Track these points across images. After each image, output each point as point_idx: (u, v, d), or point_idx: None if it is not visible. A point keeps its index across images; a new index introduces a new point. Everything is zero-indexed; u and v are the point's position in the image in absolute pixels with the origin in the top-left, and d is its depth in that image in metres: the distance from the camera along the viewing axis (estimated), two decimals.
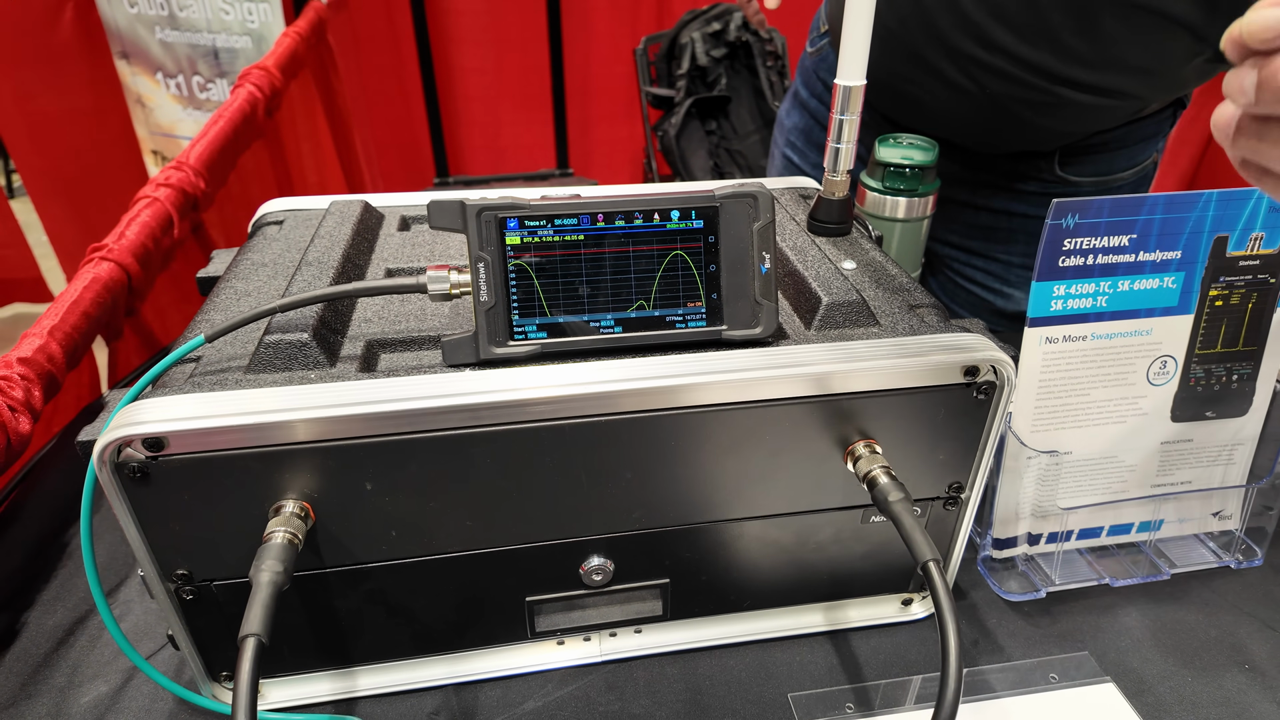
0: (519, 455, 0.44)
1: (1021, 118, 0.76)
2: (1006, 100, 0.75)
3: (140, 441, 0.40)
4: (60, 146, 2.07)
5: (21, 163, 2.11)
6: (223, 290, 0.53)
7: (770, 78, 2.25)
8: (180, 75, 2.08)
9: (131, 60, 2.08)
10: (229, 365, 0.45)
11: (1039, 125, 0.78)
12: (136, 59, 2.08)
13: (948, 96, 0.77)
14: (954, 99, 0.77)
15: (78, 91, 2.07)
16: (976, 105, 0.76)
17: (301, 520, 0.42)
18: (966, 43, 0.72)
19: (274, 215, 0.63)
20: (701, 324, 0.46)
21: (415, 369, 0.45)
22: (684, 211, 0.45)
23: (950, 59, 0.74)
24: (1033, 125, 0.78)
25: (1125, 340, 0.58)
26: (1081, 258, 0.55)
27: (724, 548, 0.51)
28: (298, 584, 0.46)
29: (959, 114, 0.79)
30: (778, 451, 0.47)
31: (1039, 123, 0.77)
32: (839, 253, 0.58)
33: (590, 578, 0.49)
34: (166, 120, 2.15)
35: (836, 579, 0.55)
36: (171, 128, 2.16)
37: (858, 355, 0.45)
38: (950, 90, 0.76)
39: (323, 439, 0.41)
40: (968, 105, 0.77)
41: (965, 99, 0.76)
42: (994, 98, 0.75)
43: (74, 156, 2.10)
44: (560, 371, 0.44)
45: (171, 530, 0.43)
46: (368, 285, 0.45)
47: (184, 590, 0.45)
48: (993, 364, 0.46)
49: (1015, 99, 0.74)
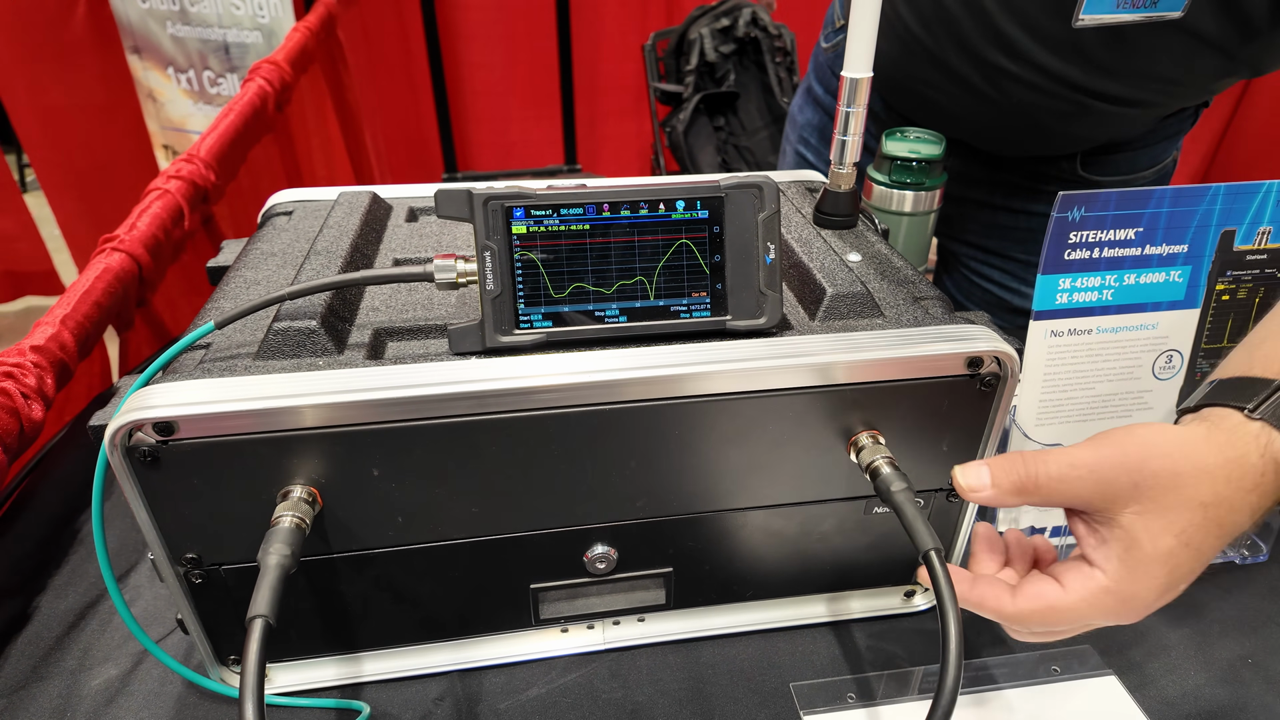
0: (524, 443, 0.44)
1: (1045, 125, 0.76)
2: (1031, 109, 0.74)
3: (151, 426, 0.40)
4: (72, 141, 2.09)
5: (34, 156, 2.13)
6: (232, 279, 0.53)
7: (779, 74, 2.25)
8: (191, 70, 2.09)
9: (143, 55, 2.10)
10: (238, 352, 0.45)
11: (1063, 132, 0.77)
12: (148, 54, 2.09)
13: (971, 103, 0.76)
14: (977, 105, 0.76)
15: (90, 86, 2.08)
16: (1000, 112, 0.76)
17: (309, 505, 0.43)
18: (993, 53, 0.70)
19: (283, 206, 0.64)
20: (706, 314, 0.47)
21: (422, 357, 0.45)
22: (689, 202, 0.45)
23: (975, 67, 0.73)
24: (1056, 132, 0.77)
25: (1131, 334, 0.58)
26: (1088, 251, 0.55)
27: (727, 537, 0.51)
28: (305, 569, 0.47)
29: (982, 120, 0.78)
30: (781, 441, 0.47)
31: (1063, 130, 0.76)
32: (844, 245, 0.58)
33: (594, 566, 0.50)
34: (178, 115, 2.17)
35: (840, 570, 0.55)
36: (182, 122, 2.17)
37: (861, 346, 0.46)
38: (973, 97, 0.75)
39: (330, 425, 0.42)
40: (991, 112, 0.76)
41: (989, 106, 0.75)
42: (1018, 106, 0.74)
43: (86, 151, 2.11)
44: (565, 360, 0.44)
45: (181, 514, 0.43)
46: (375, 274, 0.45)
47: (193, 574, 0.46)
48: (997, 355, 0.46)
49: (1040, 108, 0.73)
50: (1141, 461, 0.39)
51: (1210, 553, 0.39)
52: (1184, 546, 0.38)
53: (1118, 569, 0.39)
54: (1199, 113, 0.84)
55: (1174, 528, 0.38)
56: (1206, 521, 0.38)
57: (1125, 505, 0.39)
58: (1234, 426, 0.40)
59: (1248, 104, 2.23)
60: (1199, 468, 0.39)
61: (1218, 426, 0.40)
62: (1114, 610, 0.40)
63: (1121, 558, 0.39)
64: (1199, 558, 0.39)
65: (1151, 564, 0.39)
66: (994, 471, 0.41)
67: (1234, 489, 0.39)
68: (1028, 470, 0.41)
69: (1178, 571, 0.39)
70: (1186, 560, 0.39)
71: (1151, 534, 0.38)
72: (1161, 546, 0.38)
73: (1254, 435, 0.39)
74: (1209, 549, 0.39)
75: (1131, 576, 0.39)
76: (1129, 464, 0.39)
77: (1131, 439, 0.40)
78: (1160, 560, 0.39)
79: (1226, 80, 0.72)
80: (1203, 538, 0.39)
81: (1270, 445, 0.39)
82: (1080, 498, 0.40)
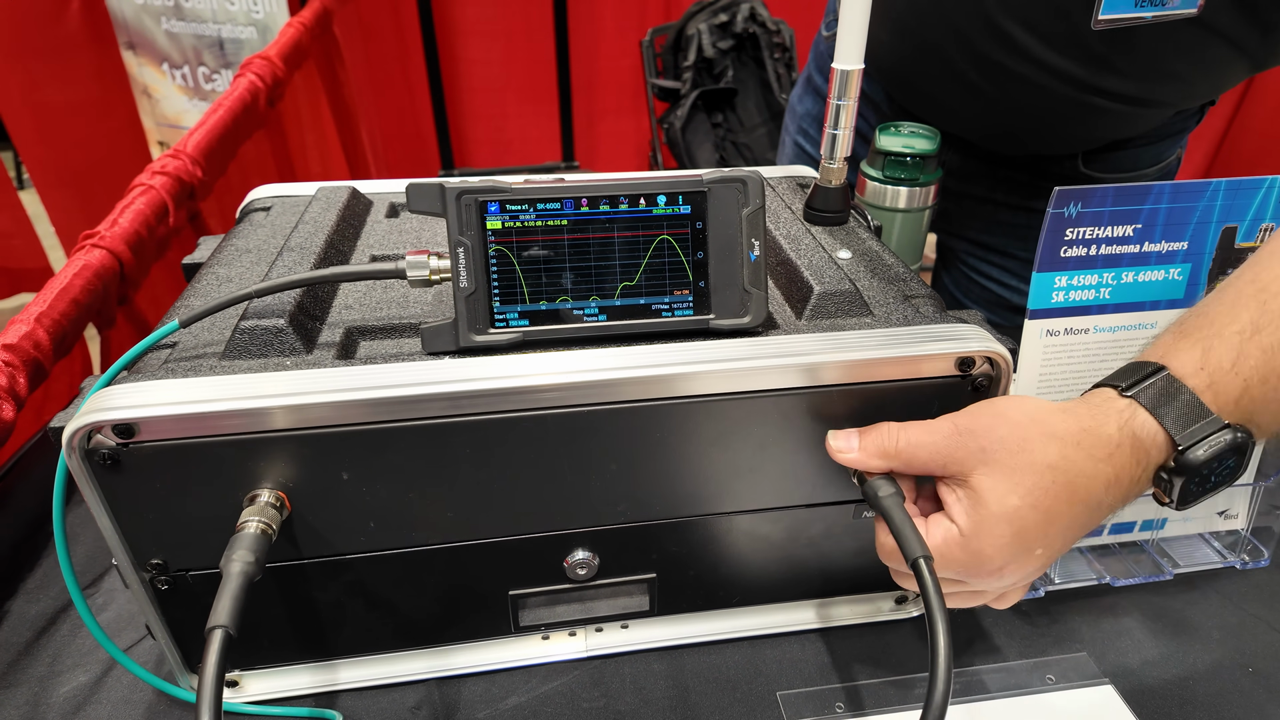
0: (500, 446, 0.43)
1: (1048, 124, 0.74)
2: (1032, 107, 0.72)
3: (110, 428, 0.39)
4: (66, 138, 2.07)
5: (27, 154, 2.12)
6: (204, 276, 0.52)
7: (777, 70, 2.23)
8: (186, 66, 2.07)
9: (138, 51, 2.08)
10: (204, 351, 0.44)
11: (1066, 131, 0.75)
12: (142, 50, 2.08)
13: (970, 100, 0.74)
14: (976, 103, 0.74)
15: (84, 83, 2.06)
16: (1001, 110, 0.73)
17: (276, 510, 0.41)
18: (993, 48, 0.68)
19: (262, 201, 0.63)
20: (688, 313, 0.45)
21: (394, 356, 0.44)
22: (671, 196, 0.44)
23: (974, 63, 0.70)
24: (1059, 131, 0.75)
25: (1129, 334, 0.56)
26: (1084, 248, 0.53)
27: (713, 542, 0.50)
28: (275, 575, 0.45)
29: (982, 118, 0.76)
30: (766, 444, 0.46)
31: (1066, 129, 0.74)
32: (834, 242, 0.56)
33: (575, 572, 0.48)
34: (172, 111, 2.15)
35: (828, 575, 0.53)
36: (177, 119, 2.16)
37: (849, 345, 0.44)
38: (972, 94, 0.73)
39: (297, 427, 0.40)
40: (991, 110, 0.74)
41: (989, 104, 0.73)
42: (1019, 104, 0.72)
43: (80, 148, 2.10)
44: (542, 360, 0.43)
45: (145, 519, 0.42)
46: (344, 270, 0.44)
47: (159, 580, 0.44)
48: (989, 356, 0.45)
49: (1042, 107, 0.71)
50: (990, 429, 0.41)
51: (1064, 519, 0.40)
52: (1030, 508, 0.39)
53: (966, 523, 0.41)
54: (1204, 110, 0.82)
55: (1019, 488, 0.39)
56: (1054, 485, 0.39)
57: (975, 468, 0.40)
58: (1102, 401, 0.41)
59: (1251, 100, 2.21)
60: (1047, 433, 0.40)
61: (1086, 402, 0.42)
62: (964, 563, 0.41)
63: (969, 513, 0.41)
64: (1050, 520, 0.40)
65: (998, 522, 0.40)
66: (862, 437, 0.44)
67: (1084, 454, 0.40)
68: (889, 436, 0.43)
69: (1027, 533, 0.40)
70: (1035, 522, 0.40)
71: (997, 494, 0.40)
72: (1007, 505, 0.40)
73: (1118, 410, 0.40)
74: (1060, 514, 0.40)
75: (977, 532, 0.40)
76: (978, 430, 0.41)
77: (989, 409, 0.42)
78: (1005, 519, 0.40)
79: (1236, 78, 0.70)
80: (1051, 501, 0.39)
81: (1132, 420, 0.40)
82: (935, 462, 0.42)
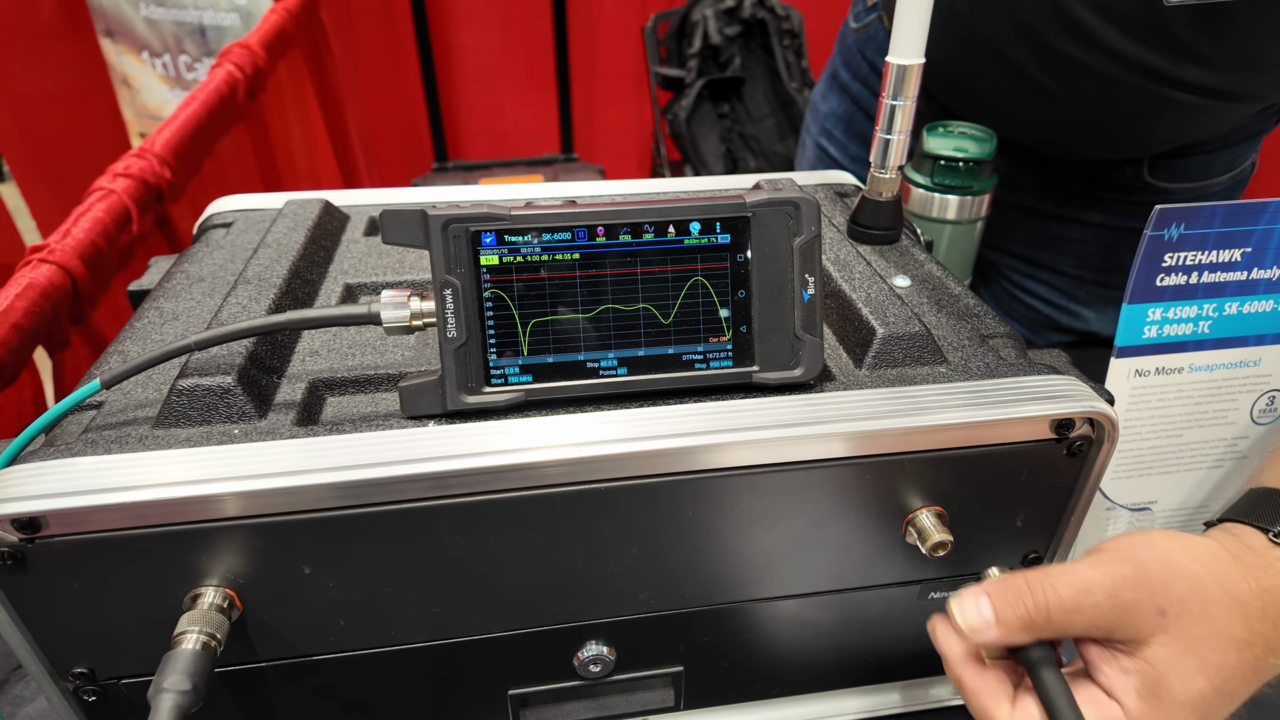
0: (495, 531, 0.35)
1: (1115, 123, 0.65)
2: (1097, 104, 0.63)
3: (10, 522, 0.31)
4: (44, 129, 1.98)
5: (5, 146, 2.03)
6: (147, 312, 0.44)
7: (787, 58, 2.14)
8: (166, 54, 1.98)
9: (116, 39, 1.99)
10: (134, 416, 0.36)
11: (1136, 131, 0.66)
12: (121, 37, 1.98)
13: (1026, 96, 0.65)
14: (1034, 100, 0.65)
15: (61, 72, 1.97)
16: (1059, 109, 0.64)
17: (223, 614, 0.34)
18: (1056, 36, 0.59)
19: (222, 216, 0.54)
20: (727, 364, 0.37)
21: (367, 420, 0.36)
22: (707, 224, 0.35)
23: (1033, 54, 0.61)
24: (1128, 131, 0.66)
25: (1229, 372, 0.49)
26: (1184, 275, 0.45)
27: (750, 630, 0.42)
28: (227, 679, 0.37)
29: (1039, 117, 0.67)
30: (820, 522, 0.38)
31: (1136, 129, 0.66)
32: (888, 265, 0.48)
33: (587, 669, 0.41)
34: (153, 102, 2.06)
35: (882, 661, 0.46)
36: (159, 110, 2.06)
37: (925, 405, 0.36)
38: (1029, 89, 0.64)
39: (247, 515, 0.32)
40: (1051, 108, 0.65)
41: (1048, 101, 0.64)
42: (1085, 101, 0.63)
43: (59, 140, 2.01)
44: (548, 426, 0.35)
45: (61, 624, 0.34)
46: (304, 316, 0.36)
47: (84, 691, 0.36)
48: (1090, 416, 0.37)
49: (1108, 103, 0.62)
50: (1165, 584, 0.34)
51: (1242, 698, 0.35)
52: (1215, 692, 0.33)
53: (1138, 706, 0.34)
54: None
55: (1208, 669, 0.33)
56: (1242, 665, 0.34)
57: (1151, 635, 0.34)
58: (1262, 549, 0.35)
59: None
60: (1231, 595, 0.34)
61: (1244, 544, 0.36)
62: None
63: (1144, 695, 0.34)
64: (1230, 704, 0.34)
65: (1181, 708, 0.33)
66: (996, 604, 0.35)
67: (1269, 626, 0.34)
68: (1035, 601, 0.34)
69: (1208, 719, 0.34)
70: (1218, 707, 0.34)
71: (1183, 675, 0.33)
72: (1193, 689, 0.33)
73: None
74: (1241, 695, 0.35)
75: (1154, 718, 0.33)
76: (1152, 585, 0.34)
77: (1149, 554, 0.35)
78: (1191, 705, 0.33)
79: None
80: (1236, 684, 0.34)
81: None
82: (1099, 628, 0.34)
